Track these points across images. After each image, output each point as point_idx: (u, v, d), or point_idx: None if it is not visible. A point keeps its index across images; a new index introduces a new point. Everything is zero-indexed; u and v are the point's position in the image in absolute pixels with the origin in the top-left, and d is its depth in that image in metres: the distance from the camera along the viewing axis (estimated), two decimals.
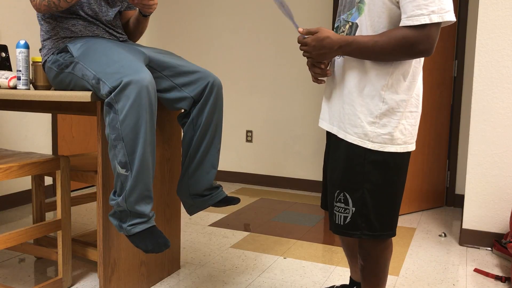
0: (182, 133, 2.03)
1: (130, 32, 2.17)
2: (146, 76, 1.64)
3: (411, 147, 1.48)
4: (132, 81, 1.61)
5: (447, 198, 3.76)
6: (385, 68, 1.40)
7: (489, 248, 2.75)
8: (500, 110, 2.67)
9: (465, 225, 2.80)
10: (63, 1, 1.79)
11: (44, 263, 2.37)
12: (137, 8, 2.08)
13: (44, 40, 1.97)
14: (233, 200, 2.03)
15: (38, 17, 1.97)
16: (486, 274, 2.35)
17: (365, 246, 1.55)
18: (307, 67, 1.67)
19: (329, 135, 1.61)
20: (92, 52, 1.77)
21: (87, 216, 3.22)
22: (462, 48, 3.61)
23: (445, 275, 2.35)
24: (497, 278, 2.30)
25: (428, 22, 1.30)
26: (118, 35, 2.04)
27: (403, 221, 3.27)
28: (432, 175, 3.60)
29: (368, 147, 1.43)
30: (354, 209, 1.47)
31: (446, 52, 3.54)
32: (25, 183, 3.47)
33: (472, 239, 2.79)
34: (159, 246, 1.66)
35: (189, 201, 2.03)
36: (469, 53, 3.62)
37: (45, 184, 3.59)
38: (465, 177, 3.52)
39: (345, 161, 1.48)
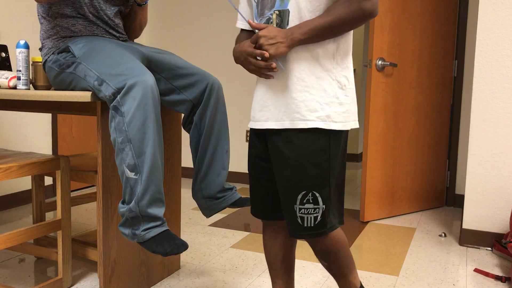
0: (189, 138, 2.03)
1: (129, 24, 2.13)
2: (150, 77, 1.64)
3: (356, 124, 1.48)
4: (137, 82, 1.60)
5: (447, 198, 3.76)
6: (330, 47, 1.39)
7: (489, 248, 2.75)
8: (500, 110, 2.67)
9: (465, 225, 2.80)
10: None
11: (44, 263, 2.37)
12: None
13: (44, 39, 1.95)
14: (247, 202, 2.02)
15: (38, 15, 1.96)
16: (486, 274, 2.35)
17: (324, 245, 1.48)
18: None
19: (262, 137, 1.51)
20: (95, 53, 1.75)
21: (87, 216, 3.22)
22: (462, 48, 3.62)
23: (445, 275, 2.35)
24: (497, 278, 2.30)
25: None
26: (118, 34, 2.02)
27: (403, 221, 3.27)
28: (432, 175, 3.60)
29: (332, 128, 1.39)
30: (324, 206, 1.42)
31: (446, 52, 3.54)
32: (25, 183, 3.47)
33: (472, 239, 2.79)
34: (178, 246, 1.59)
35: (203, 204, 2.03)
36: (469, 53, 3.62)
37: (45, 184, 3.59)
38: (465, 177, 3.53)
39: (309, 159, 1.40)
